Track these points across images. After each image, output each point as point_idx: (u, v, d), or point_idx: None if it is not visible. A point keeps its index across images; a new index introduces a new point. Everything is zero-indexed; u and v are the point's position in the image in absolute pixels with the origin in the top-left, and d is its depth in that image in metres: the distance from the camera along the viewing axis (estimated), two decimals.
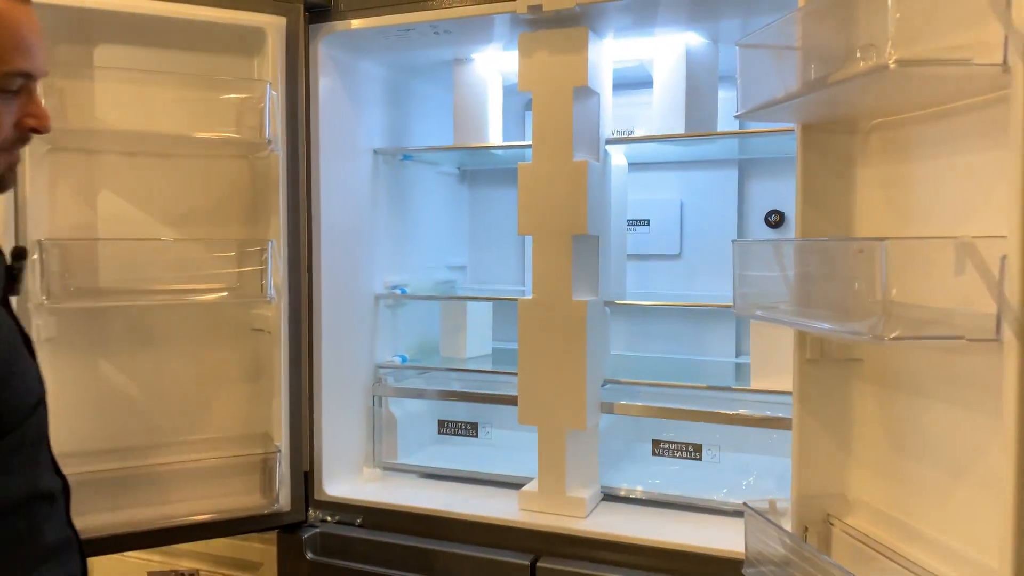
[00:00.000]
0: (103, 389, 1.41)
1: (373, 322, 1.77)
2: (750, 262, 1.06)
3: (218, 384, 1.50)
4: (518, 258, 2.10)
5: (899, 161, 1.02)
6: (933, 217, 0.97)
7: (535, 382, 1.50)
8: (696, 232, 1.89)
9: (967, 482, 0.95)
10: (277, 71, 1.46)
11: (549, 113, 1.47)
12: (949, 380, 0.97)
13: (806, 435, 1.11)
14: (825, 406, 1.12)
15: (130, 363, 1.43)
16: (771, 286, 1.04)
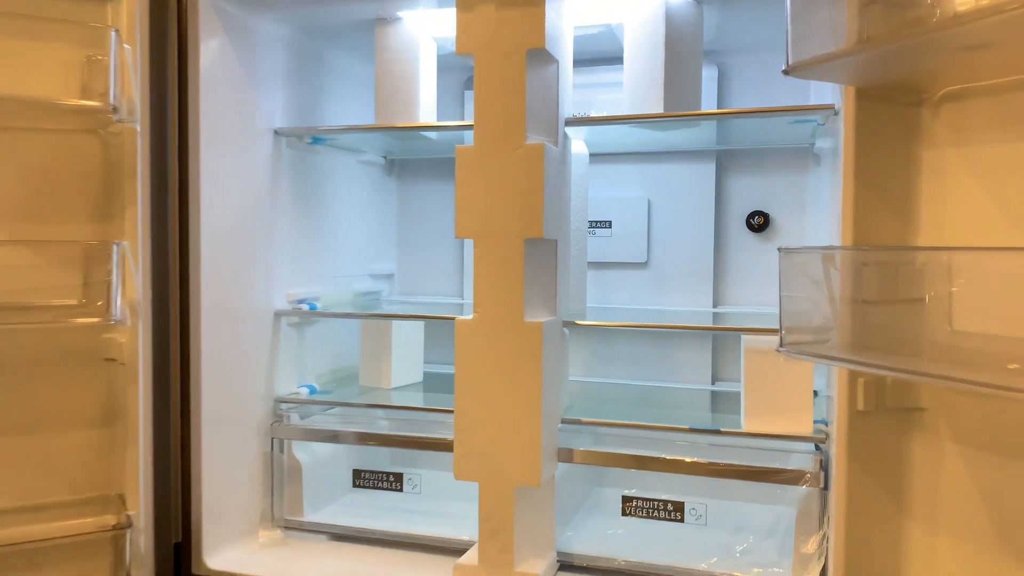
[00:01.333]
0: None
1: (272, 346, 1.42)
2: (796, 280, 0.77)
3: (54, 431, 1.12)
4: (456, 264, 1.77)
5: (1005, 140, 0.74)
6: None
7: (475, 427, 1.18)
8: (666, 236, 1.60)
9: None
10: (135, 20, 1.10)
11: (495, 82, 1.15)
12: None
13: (855, 511, 0.82)
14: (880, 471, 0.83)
15: None
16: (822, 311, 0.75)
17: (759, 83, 1.55)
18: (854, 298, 0.77)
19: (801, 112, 1.14)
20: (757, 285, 1.57)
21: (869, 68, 0.76)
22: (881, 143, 0.83)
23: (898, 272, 0.76)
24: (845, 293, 0.75)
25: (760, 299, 1.56)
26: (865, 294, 0.77)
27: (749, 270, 1.58)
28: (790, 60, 0.75)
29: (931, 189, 0.83)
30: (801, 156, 1.53)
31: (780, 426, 1.18)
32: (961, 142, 0.81)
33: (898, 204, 0.83)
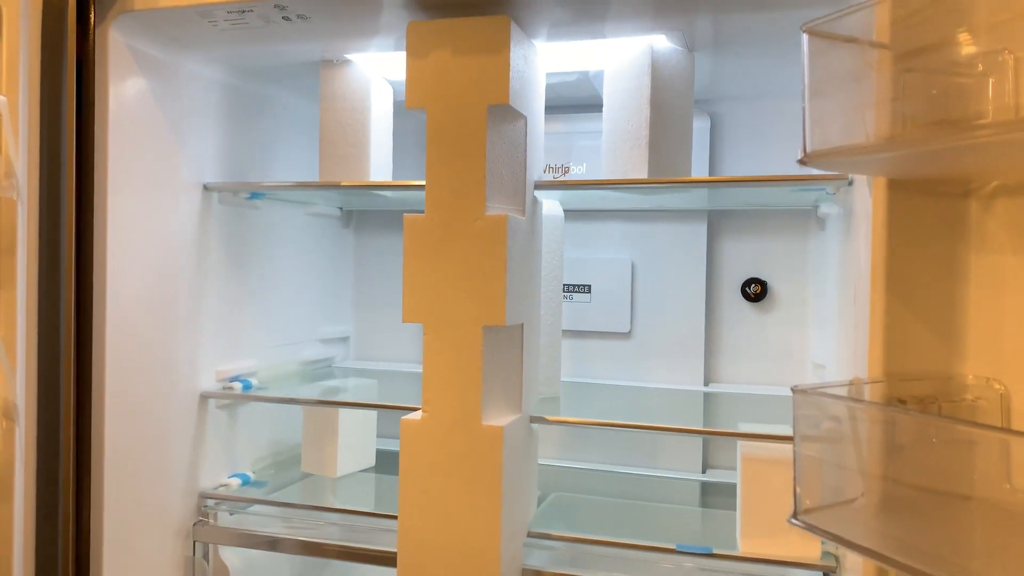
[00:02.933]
0: None
1: (197, 432, 1.23)
2: (809, 429, 0.59)
3: None
4: (419, 328, 1.59)
5: None
6: None
7: (423, 545, 0.99)
8: (652, 304, 1.43)
9: None
10: (17, 65, 0.92)
11: (451, 143, 0.98)
12: None
13: None
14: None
15: None
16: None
17: (755, 133, 1.39)
18: (887, 453, 0.59)
19: (812, 182, 0.97)
20: (753, 361, 1.40)
21: (905, 164, 0.59)
22: (917, 242, 0.66)
23: (940, 428, 0.58)
24: (872, 453, 0.58)
25: (757, 378, 1.39)
26: (901, 450, 0.59)
27: (745, 344, 1.40)
28: (807, 148, 0.58)
29: (982, 302, 0.66)
30: (803, 218, 1.36)
31: (782, 549, 1.00)
32: (1021, 247, 0.64)
33: (941, 322, 0.66)
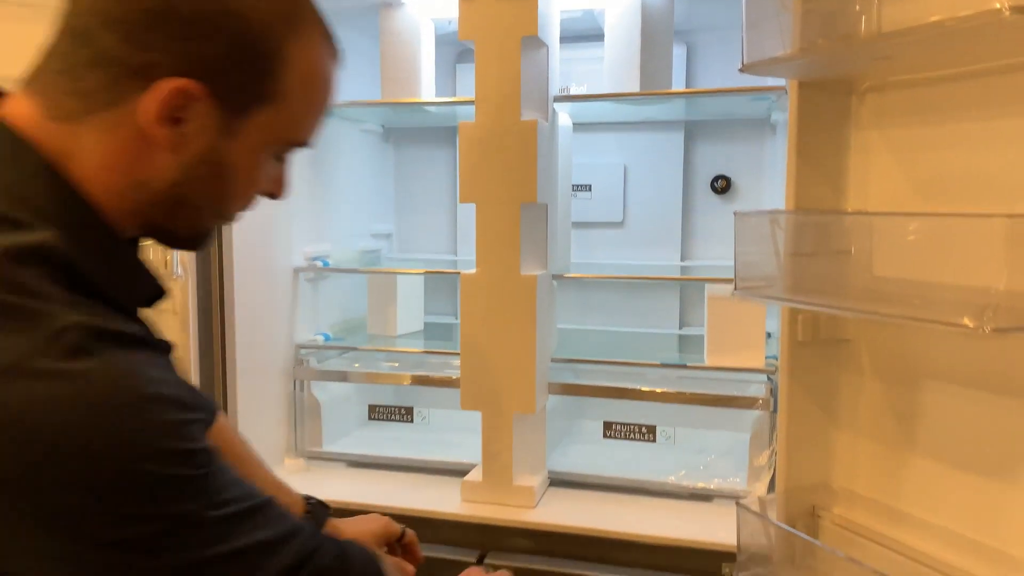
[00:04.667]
0: None
1: (292, 298, 1.59)
2: (748, 237, 0.96)
3: None
4: (449, 225, 1.95)
5: (914, 124, 0.94)
6: (968, 186, 0.90)
7: (479, 364, 1.37)
8: (640, 198, 1.79)
9: (983, 470, 0.89)
10: None
11: (495, 66, 1.31)
12: (959, 364, 0.92)
13: (794, 422, 1.03)
14: (814, 390, 1.04)
15: None
16: (769, 264, 0.95)
17: (723, 60, 1.73)
18: (795, 252, 0.97)
19: (759, 92, 1.33)
20: (719, 242, 1.77)
21: (809, 68, 0.95)
22: (818, 125, 1.02)
23: (829, 231, 0.96)
24: (788, 248, 0.95)
25: (722, 254, 1.77)
26: (803, 249, 0.96)
27: (713, 229, 1.78)
28: (745, 60, 0.94)
29: (857, 163, 1.03)
30: (760, 127, 1.72)
31: (737, 360, 1.39)
32: (881, 125, 1.00)
33: (831, 175, 1.02)
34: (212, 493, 0.58)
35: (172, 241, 0.70)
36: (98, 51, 0.59)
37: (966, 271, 0.76)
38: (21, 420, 0.51)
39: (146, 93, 0.59)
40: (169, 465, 0.55)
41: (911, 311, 0.86)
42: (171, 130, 0.61)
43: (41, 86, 0.62)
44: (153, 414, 0.55)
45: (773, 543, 0.98)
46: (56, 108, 0.61)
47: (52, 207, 0.59)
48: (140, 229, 0.66)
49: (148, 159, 0.62)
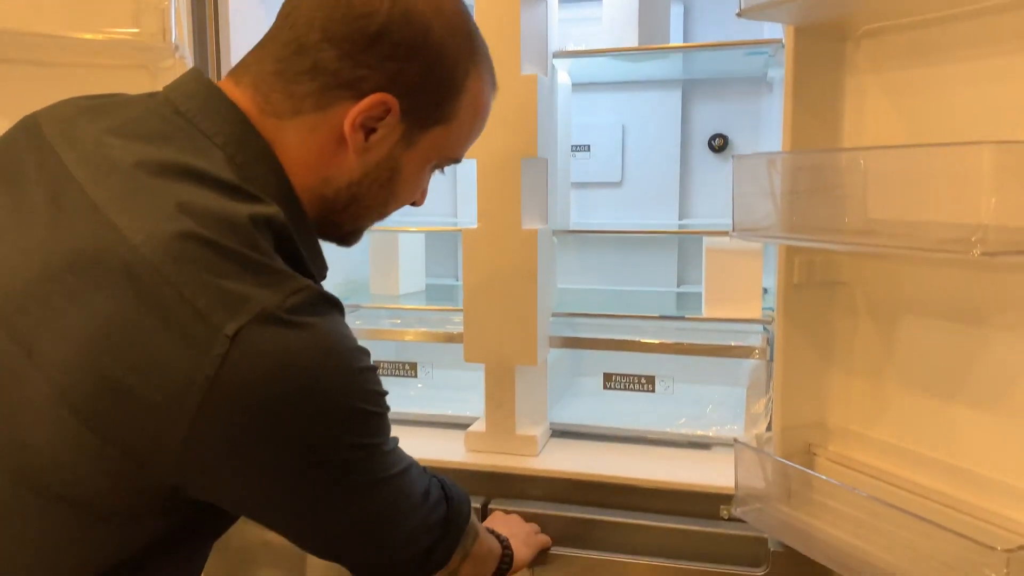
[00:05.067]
0: None
1: None
2: (746, 180, 0.98)
3: None
4: (449, 189, 1.96)
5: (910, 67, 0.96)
6: (964, 126, 0.92)
7: (482, 317, 1.39)
8: (638, 158, 1.81)
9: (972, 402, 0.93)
10: None
11: (494, 20, 1.33)
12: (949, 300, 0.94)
13: (790, 363, 1.06)
14: (810, 332, 1.07)
15: None
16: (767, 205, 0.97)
17: (720, 18, 1.74)
18: (791, 192, 0.99)
19: (755, 45, 1.35)
20: (717, 200, 1.79)
21: (805, 11, 0.97)
22: (814, 71, 1.04)
23: (824, 171, 0.98)
24: (784, 189, 0.98)
25: (719, 213, 1.79)
26: (799, 189, 0.99)
27: (710, 187, 1.80)
28: (742, 4, 0.96)
29: (853, 107, 1.05)
30: (756, 85, 1.74)
31: (735, 311, 1.42)
32: (877, 69, 1.02)
33: (827, 120, 1.05)
34: (387, 428, 0.72)
35: (336, 233, 0.82)
36: (316, 62, 0.69)
37: (956, 203, 0.79)
38: (273, 357, 0.60)
39: (354, 102, 0.70)
40: (372, 403, 0.68)
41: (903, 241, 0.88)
42: (363, 136, 0.72)
43: (253, 82, 0.71)
44: (361, 363, 0.67)
45: (769, 478, 1.02)
46: (268, 104, 0.71)
47: (273, 188, 0.69)
48: (312, 220, 0.76)
49: (338, 159, 0.72)
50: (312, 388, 0.62)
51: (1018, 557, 0.73)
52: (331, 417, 0.64)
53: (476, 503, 1.34)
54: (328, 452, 0.66)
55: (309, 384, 0.62)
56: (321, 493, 0.67)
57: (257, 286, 0.61)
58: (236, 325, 0.58)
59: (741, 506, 1.05)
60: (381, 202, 0.78)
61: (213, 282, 0.59)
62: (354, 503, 0.71)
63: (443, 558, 0.86)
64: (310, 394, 0.62)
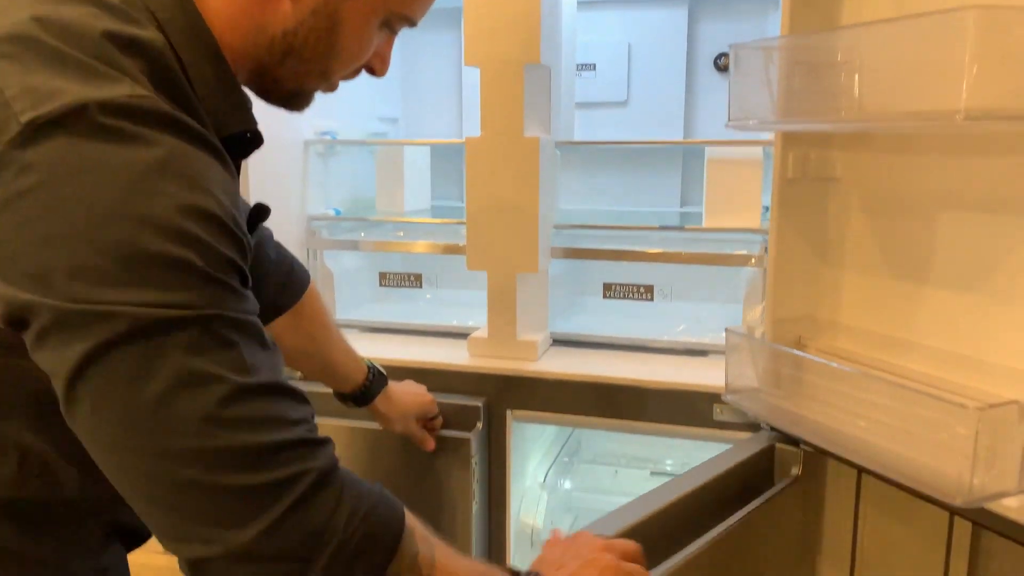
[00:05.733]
0: None
1: (303, 171, 1.64)
2: (743, 70, 0.99)
3: None
4: (454, 108, 1.97)
5: None
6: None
7: (485, 225, 1.42)
8: (644, 77, 1.81)
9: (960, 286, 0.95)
10: None
11: None
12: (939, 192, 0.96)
13: (783, 257, 1.09)
14: (803, 226, 1.09)
15: None
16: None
17: None
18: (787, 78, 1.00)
19: None
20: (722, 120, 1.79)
21: None
22: None
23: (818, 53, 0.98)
24: (781, 74, 0.99)
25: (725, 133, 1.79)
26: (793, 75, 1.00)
27: (716, 107, 1.80)
28: None
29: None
30: (763, 3, 1.73)
31: (734, 221, 1.44)
32: None
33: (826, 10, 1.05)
34: (202, 300, 0.54)
35: (278, 92, 0.74)
36: None
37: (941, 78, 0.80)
38: (67, 162, 0.52)
39: None
40: (194, 252, 0.53)
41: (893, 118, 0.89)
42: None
43: None
44: (195, 201, 0.54)
45: (759, 363, 1.05)
46: None
47: (168, 16, 0.61)
48: (249, 75, 0.70)
49: (271, 5, 0.66)
50: (105, 209, 0.51)
51: (987, 415, 0.76)
52: (122, 258, 0.51)
53: (477, 402, 1.39)
54: (105, 293, 0.51)
55: (103, 200, 0.51)
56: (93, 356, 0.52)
57: (76, 82, 0.53)
58: (34, 114, 0.52)
59: (732, 394, 1.08)
60: (321, 55, 0.70)
61: (31, 76, 0.53)
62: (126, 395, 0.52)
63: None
64: (101, 214, 0.51)
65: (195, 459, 0.53)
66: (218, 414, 0.53)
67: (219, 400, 0.53)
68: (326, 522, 0.56)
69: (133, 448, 0.53)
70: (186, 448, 0.52)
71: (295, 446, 0.56)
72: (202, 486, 0.53)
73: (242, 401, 0.54)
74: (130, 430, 0.53)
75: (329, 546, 0.56)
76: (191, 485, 0.53)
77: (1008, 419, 0.77)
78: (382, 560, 0.59)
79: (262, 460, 0.54)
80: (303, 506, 0.55)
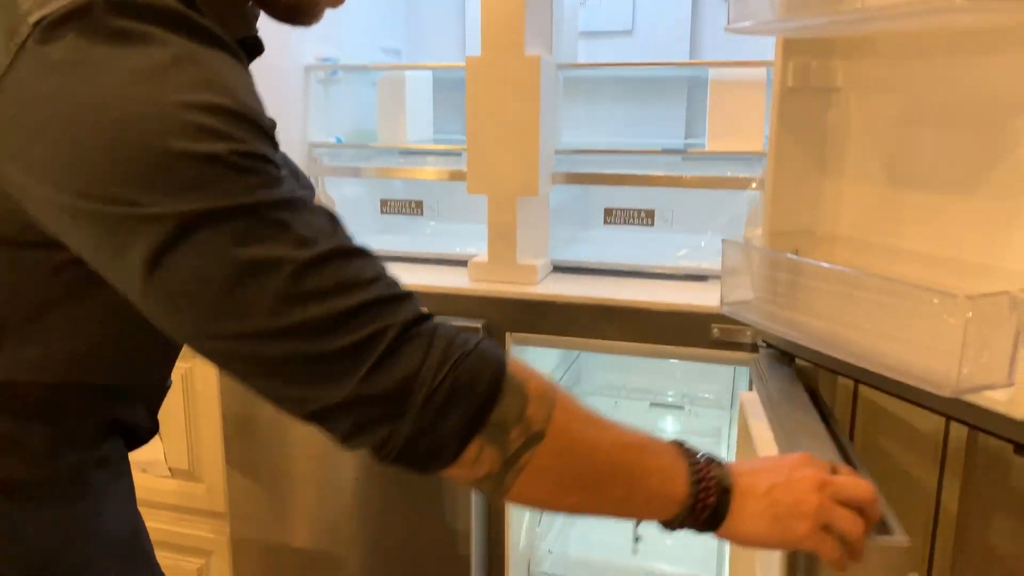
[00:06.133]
0: None
1: (304, 98, 1.63)
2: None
3: None
4: (458, 42, 1.95)
5: None
6: None
7: (485, 148, 1.41)
8: (649, 5, 1.78)
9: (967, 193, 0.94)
10: None
11: None
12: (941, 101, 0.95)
13: (781, 169, 1.08)
14: (803, 137, 1.08)
15: None
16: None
17: None
18: None
19: None
20: (726, 47, 1.77)
21: None
22: None
23: None
24: None
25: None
26: None
27: (724, 36, 1.77)
28: None
29: None
30: None
31: (736, 144, 1.43)
32: None
33: None
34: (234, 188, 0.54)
35: (278, 5, 0.73)
36: None
37: None
38: (76, 64, 0.52)
39: None
40: (204, 144, 0.53)
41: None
42: None
43: None
44: (202, 98, 0.53)
45: (755, 271, 1.05)
46: None
47: None
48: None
49: None
50: (123, 113, 0.52)
51: (977, 304, 0.75)
52: (152, 161, 0.52)
53: (477, 324, 1.40)
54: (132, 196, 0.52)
55: (119, 104, 0.52)
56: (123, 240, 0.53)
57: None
58: (41, 13, 0.52)
59: (728, 304, 1.09)
60: None
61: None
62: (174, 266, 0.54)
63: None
64: (121, 119, 0.52)
65: (279, 337, 0.55)
66: (290, 292, 0.54)
67: (287, 280, 0.54)
68: (415, 371, 0.57)
69: (219, 336, 0.56)
70: (267, 329, 0.55)
71: (373, 305, 0.57)
72: (291, 358, 0.56)
73: (309, 275, 0.55)
74: (211, 323, 0.55)
75: (420, 393, 0.57)
76: (281, 360, 0.56)
77: (998, 309, 0.76)
78: (477, 408, 0.59)
79: (342, 325, 0.56)
80: (390, 358, 0.57)
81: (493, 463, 0.60)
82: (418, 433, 0.58)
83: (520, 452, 0.60)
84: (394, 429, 0.57)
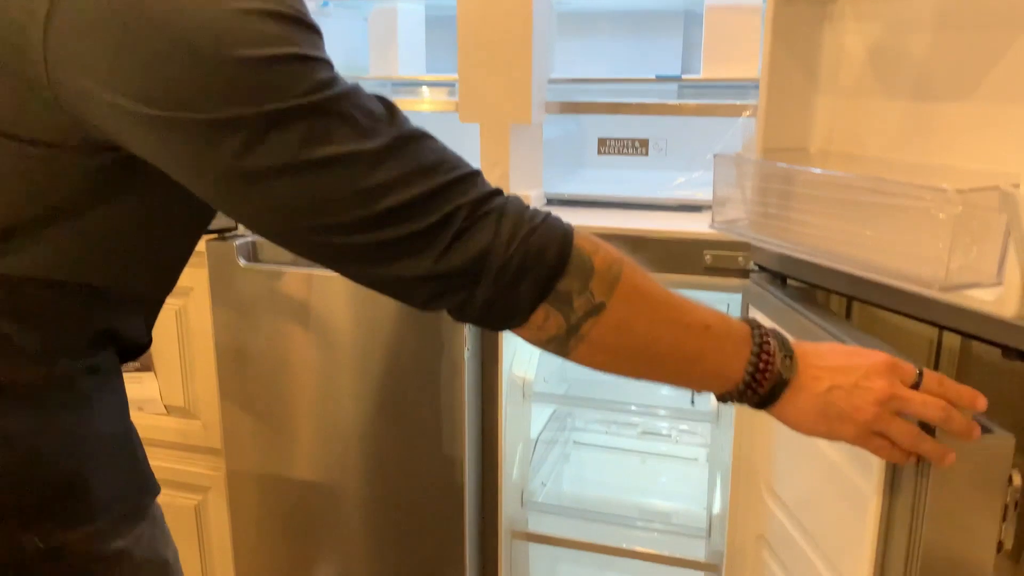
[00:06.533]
0: None
1: None
2: None
3: None
4: None
5: None
6: None
7: (477, 75, 1.40)
8: None
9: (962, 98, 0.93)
10: None
11: None
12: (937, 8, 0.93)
13: (775, 84, 1.06)
14: (797, 51, 1.06)
15: None
16: None
17: None
18: None
19: None
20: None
21: None
22: None
23: None
24: None
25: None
26: None
27: None
28: None
29: None
30: None
31: (732, 71, 1.41)
32: None
33: None
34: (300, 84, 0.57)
35: None
36: None
37: None
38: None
39: None
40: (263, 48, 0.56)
41: None
42: None
43: None
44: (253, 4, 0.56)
45: (748, 186, 1.04)
46: None
47: None
48: None
49: None
50: (176, 25, 0.55)
51: (967, 198, 0.75)
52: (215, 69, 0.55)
53: None
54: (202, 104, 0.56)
55: (171, 15, 0.55)
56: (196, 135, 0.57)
57: None
58: None
59: (719, 219, 1.08)
60: None
61: None
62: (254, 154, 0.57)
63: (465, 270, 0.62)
64: (172, 31, 0.55)
65: (360, 226, 0.60)
66: (364, 185, 0.59)
67: (362, 173, 0.58)
68: (488, 246, 0.61)
69: (305, 230, 0.60)
70: (348, 221, 0.59)
71: (444, 189, 0.61)
72: (372, 245, 0.60)
73: (381, 166, 0.59)
74: (296, 219, 0.59)
75: (493, 266, 0.61)
76: (364, 246, 0.61)
77: (988, 203, 0.76)
78: (547, 276, 0.63)
79: (418, 210, 0.60)
80: (465, 235, 0.61)
81: (559, 328, 0.64)
82: (491, 299, 0.62)
83: (582, 321, 0.64)
84: (469, 296, 0.62)
